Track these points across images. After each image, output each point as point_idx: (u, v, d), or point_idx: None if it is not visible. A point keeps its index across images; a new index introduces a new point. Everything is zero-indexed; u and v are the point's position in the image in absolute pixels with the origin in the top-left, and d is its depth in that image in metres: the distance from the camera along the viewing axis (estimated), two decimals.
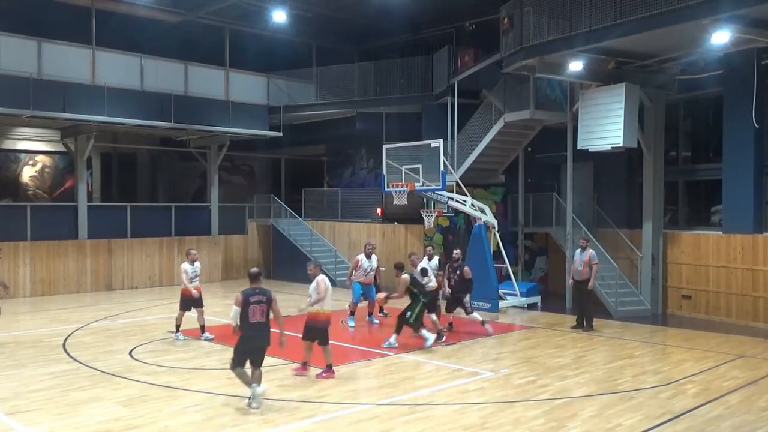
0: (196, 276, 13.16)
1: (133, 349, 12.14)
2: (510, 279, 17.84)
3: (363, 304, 15.21)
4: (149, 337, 13.25)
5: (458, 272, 13.80)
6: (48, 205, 22.28)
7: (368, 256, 14.88)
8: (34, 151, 23.86)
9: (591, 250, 14.57)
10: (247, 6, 20.96)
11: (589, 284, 14.26)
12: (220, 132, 21.83)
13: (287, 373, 10.52)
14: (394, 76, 22.22)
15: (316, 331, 10.17)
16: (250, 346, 8.66)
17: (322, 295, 10.08)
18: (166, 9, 20.79)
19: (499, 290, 17.19)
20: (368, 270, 14.81)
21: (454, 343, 12.95)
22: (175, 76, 21.01)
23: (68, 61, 18.87)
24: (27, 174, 23.94)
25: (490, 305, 16.60)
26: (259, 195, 26.00)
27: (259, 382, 8.66)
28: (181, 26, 21.71)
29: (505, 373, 10.57)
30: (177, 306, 13.31)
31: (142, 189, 26.53)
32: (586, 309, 14.42)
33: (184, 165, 26.42)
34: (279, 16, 20.77)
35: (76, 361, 11.29)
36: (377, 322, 15.15)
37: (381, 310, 15.35)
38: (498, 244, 17.83)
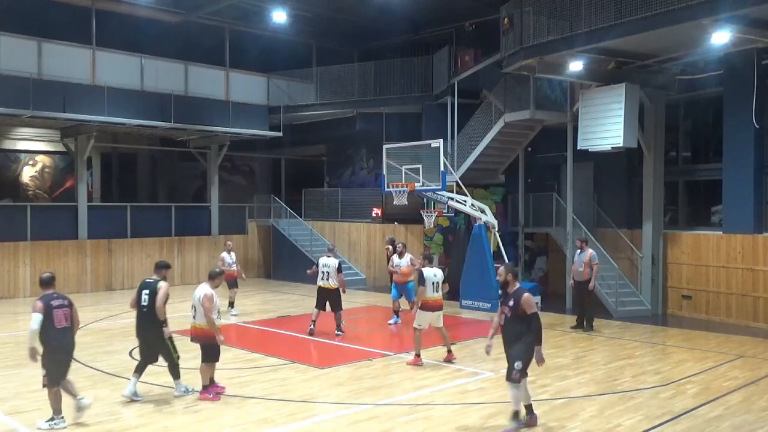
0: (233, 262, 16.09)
1: (133, 350, 12.10)
2: None
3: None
4: None
5: (512, 302, 7.91)
6: (48, 205, 22.31)
7: (400, 255, 15.01)
8: (34, 151, 23.90)
9: (591, 251, 14.51)
10: (247, 6, 20.98)
11: (590, 285, 14.24)
12: (220, 132, 21.85)
13: (287, 372, 10.52)
14: (394, 76, 22.22)
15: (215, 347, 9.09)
16: (63, 355, 7.89)
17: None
18: (166, 9, 20.81)
19: (499, 290, 17.15)
20: (396, 268, 15.00)
21: (453, 343, 12.92)
22: (175, 76, 21.02)
23: (68, 61, 18.88)
24: (27, 174, 23.96)
25: (490, 305, 16.59)
26: (259, 195, 26.01)
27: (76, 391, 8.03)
28: (181, 26, 21.73)
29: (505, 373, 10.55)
30: (175, 305, 13.45)
31: (142, 189, 26.55)
32: (586, 309, 14.42)
33: (184, 165, 26.44)
34: (279, 16, 20.81)
35: (76, 361, 11.22)
36: (399, 321, 15.11)
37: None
38: (498, 244, 17.81)
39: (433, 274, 11.02)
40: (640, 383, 10.09)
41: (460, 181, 18.27)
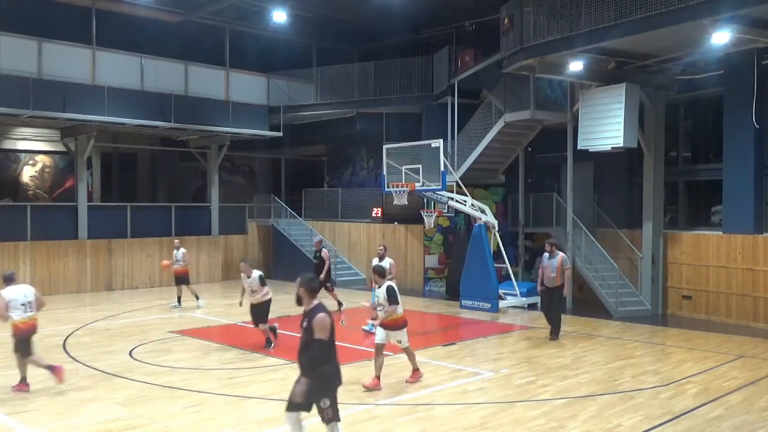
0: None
1: (133, 349, 12.14)
2: (510, 279, 17.85)
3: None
4: (149, 337, 13.25)
5: (306, 323, 6.37)
6: (48, 205, 22.29)
7: (380, 258, 14.08)
8: (34, 151, 23.88)
9: (562, 254, 13.54)
10: (247, 6, 20.97)
11: (565, 290, 13.42)
12: (220, 132, 21.84)
13: (287, 372, 10.52)
14: (394, 76, 22.22)
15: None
16: None
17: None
18: (166, 9, 20.80)
19: (500, 290, 17.19)
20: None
21: (453, 344, 12.95)
22: (175, 76, 21.01)
23: (68, 61, 18.88)
24: (27, 174, 23.95)
25: (490, 305, 16.60)
26: (259, 195, 26.01)
27: None
28: (181, 26, 21.72)
29: (505, 373, 10.57)
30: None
31: (142, 189, 26.54)
32: (555, 316, 13.55)
33: (184, 165, 26.44)
34: (279, 16, 20.81)
35: (76, 361, 11.28)
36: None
37: None
38: (498, 244, 17.82)
39: (395, 287, 9.86)
40: (640, 383, 10.09)
41: (460, 181, 18.27)
